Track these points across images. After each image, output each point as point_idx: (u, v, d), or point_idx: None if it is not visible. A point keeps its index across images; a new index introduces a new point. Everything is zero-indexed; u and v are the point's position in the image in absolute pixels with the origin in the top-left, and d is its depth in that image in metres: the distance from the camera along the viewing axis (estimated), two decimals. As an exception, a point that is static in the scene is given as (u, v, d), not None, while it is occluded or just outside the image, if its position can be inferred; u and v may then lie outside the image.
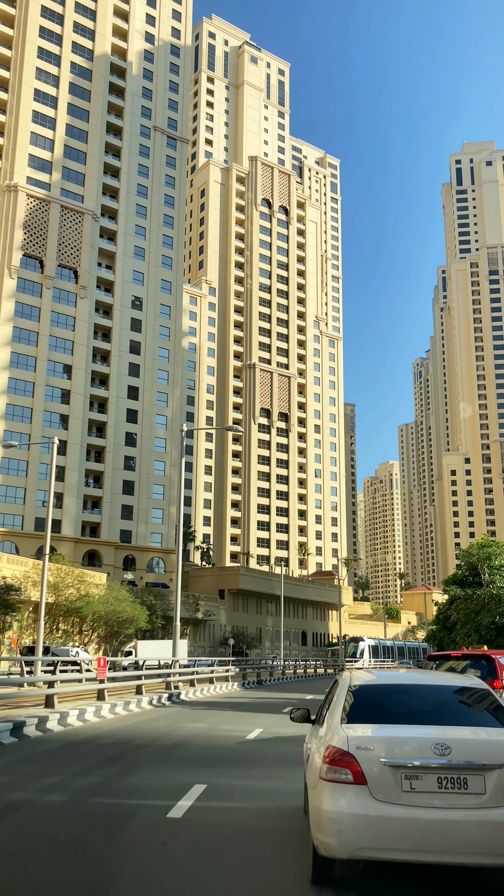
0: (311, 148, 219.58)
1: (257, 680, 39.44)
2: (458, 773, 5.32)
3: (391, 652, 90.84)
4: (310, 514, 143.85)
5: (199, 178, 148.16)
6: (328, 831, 5.31)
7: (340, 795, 5.33)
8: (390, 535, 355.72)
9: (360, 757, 5.41)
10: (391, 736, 5.57)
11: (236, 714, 19.61)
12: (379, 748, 5.43)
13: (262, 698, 26.77)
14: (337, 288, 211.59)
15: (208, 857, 6.25)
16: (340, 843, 5.25)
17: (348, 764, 5.40)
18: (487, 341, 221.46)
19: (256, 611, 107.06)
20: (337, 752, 5.48)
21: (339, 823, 5.26)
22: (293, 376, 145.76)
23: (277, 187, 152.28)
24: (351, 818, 5.24)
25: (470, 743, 5.48)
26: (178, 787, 8.94)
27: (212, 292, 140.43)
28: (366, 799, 5.29)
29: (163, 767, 10.67)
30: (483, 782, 5.29)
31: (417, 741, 5.45)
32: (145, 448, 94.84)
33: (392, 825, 5.18)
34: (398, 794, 5.29)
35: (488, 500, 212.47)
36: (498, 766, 5.31)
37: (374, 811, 5.23)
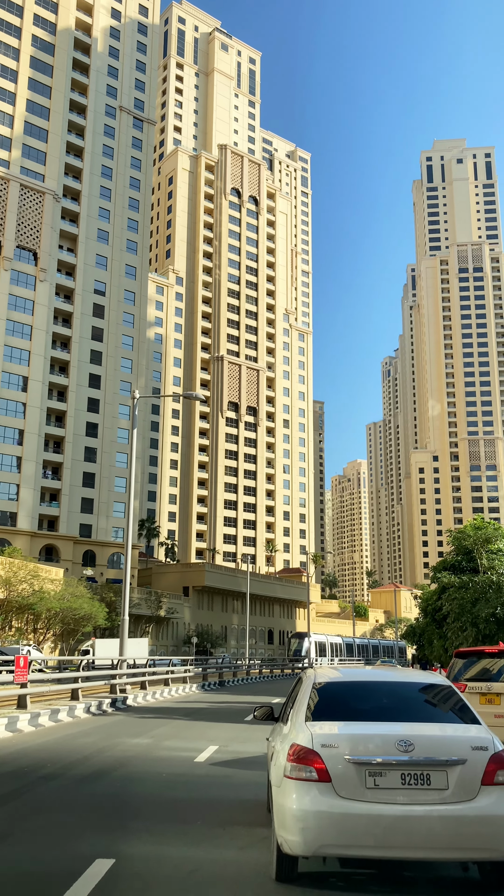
0: (281, 141, 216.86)
1: (219, 681, 36.29)
2: (421, 769, 5.35)
3: (347, 650, 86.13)
4: (278, 510, 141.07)
5: (167, 166, 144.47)
6: (292, 829, 5.29)
7: (305, 793, 5.33)
8: (358, 534, 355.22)
9: (325, 754, 5.41)
10: (355, 733, 5.55)
11: (189, 724, 16.49)
12: (343, 745, 5.43)
13: (222, 703, 23.71)
14: (307, 283, 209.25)
15: None
16: (304, 841, 5.23)
17: (313, 762, 5.40)
18: (456, 339, 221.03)
19: (222, 608, 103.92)
20: (301, 750, 5.48)
21: (303, 821, 5.25)
22: (262, 370, 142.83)
23: (247, 177, 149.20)
24: (315, 816, 5.23)
25: (433, 739, 5.49)
26: (58, 873, 5.64)
27: (179, 282, 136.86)
28: (330, 796, 5.29)
29: (53, 825, 7.22)
30: (446, 778, 5.34)
31: (381, 738, 5.45)
32: (107, 439, 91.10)
33: (355, 822, 5.18)
34: (362, 790, 5.31)
35: (456, 499, 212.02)
36: (460, 762, 5.36)
37: (337, 808, 5.23)
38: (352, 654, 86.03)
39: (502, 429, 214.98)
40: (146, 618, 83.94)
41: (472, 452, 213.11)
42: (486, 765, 5.41)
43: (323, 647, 78.07)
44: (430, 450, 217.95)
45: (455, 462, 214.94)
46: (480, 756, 5.43)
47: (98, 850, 6.11)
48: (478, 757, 5.43)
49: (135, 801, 8.24)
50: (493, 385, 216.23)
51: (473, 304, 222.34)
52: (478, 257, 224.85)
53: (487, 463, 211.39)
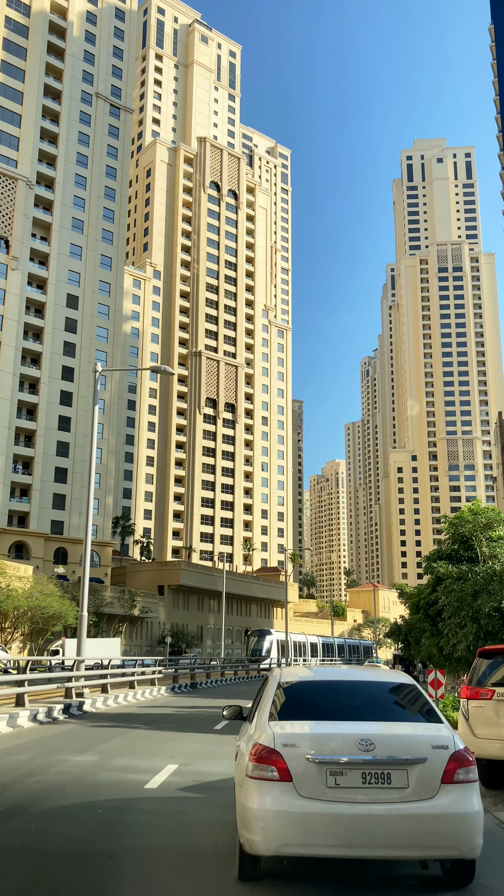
0: (261, 137, 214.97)
1: (191, 683, 34.08)
2: (381, 768, 5.35)
3: (312, 649, 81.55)
4: (256, 508, 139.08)
5: (145, 158, 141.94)
6: (253, 829, 5.27)
7: (266, 793, 5.31)
8: (336, 534, 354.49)
9: (286, 754, 5.38)
10: (317, 732, 5.57)
11: (148, 735, 14.38)
12: (305, 745, 5.42)
13: (191, 708, 21.64)
14: (286, 280, 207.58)
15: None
16: (265, 841, 5.21)
17: (274, 761, 5.37)
18: (436, 339, 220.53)
19: (198, 608, 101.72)
20: (263, 750, 5.46)
21: (263, 821, 5.23)
22: (240, 366, 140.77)
23: (227, 170, 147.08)
24: (276, 815, 5.21)
25: (394, 738, 5.51)
26: None
27: (156, 276, 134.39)
28: (291, 795, 5.27)
29: None
30: (406, 777, 5.34)
31: (343, 737, 5.45)
32: (80, 433, 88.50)
33: (316, 821, 5.18)
34: (323, 790, 5.30)
35: (434, 498, 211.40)
36: (420, 761, 5.37)
37: (298, 808, 5.22)
38: (316, 653, 79.73)
39: (481, 429, 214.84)
40: (119, 617, 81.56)
41: (450, 452, 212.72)
42: (446, 763, 5.43)
43: (285, 645, 70.50)
44: (408, 449, 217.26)
45: (433, 462, 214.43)
46: (441, 755, 5.45)
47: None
48: (438, 755, 5.44)
49: (41, 863, 6.02)
50: (471, 385, 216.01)
51: (453, 304, 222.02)
52: (457, 257, 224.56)
53: (466, 462, 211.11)
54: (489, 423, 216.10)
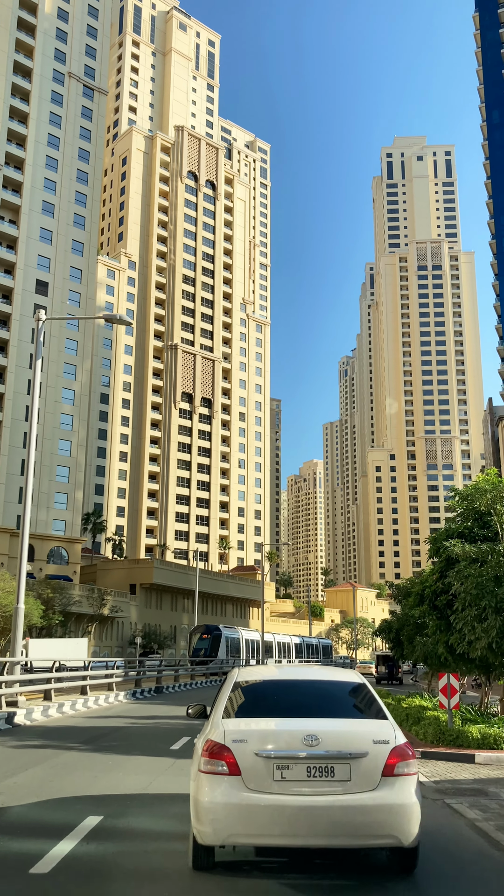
0: (240, 130, 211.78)
1: (156, 687, 30.78)
2: (325, 762, 5.64)
3: (266, 649, 71.80)
4: (232, 506, 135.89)
5: (121, 146, 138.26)
6: (203, 820, 5.54)
7: (216, 786, 5.57)
8: (313, 535, 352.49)
9: (236, 749, 5.65)
10: (265, 729, 5.84)
11: (82, 760, 11.15)
12: (253, 741, 5.69)
13: (148, 719, 18.48)
14: (265, 276, 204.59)
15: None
16: (214, 832, 5.49)
17: (224, 756, 5.63)
18: (415, 337, 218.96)
19: (171, 607, 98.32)
20: (214, 746, 5.72)
21: (213, 813, 5.49)
22: (217, 360, 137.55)
23: (204, 160, 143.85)
24: (224, 807, 5.47)
25: (338, 734, 5.78)
26: None
27: (132, 266, 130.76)
28: (239, 788, 5.54)
29: None
30: (349, 770, 5.63)
31: (289, 733, 5.73)
32: (49, 424, 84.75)
33: (262, 812, 5.45)
34: (270, 783, 5.56)
35: (412, 498, 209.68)
36: (362, 755, 5.66)
37: (245, 800, 5.49)
38: (270, 653, 70.89)
39: (459, 428, 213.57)
40: (88, 617, 77.98)
41: (428, 451, 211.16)
42: (387, 757, 5.70)
43: (236, 644, 60.80)
44: (386, 448, 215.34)
45: (412, 461, 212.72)
46: (382, 749, 5.72)
47: None
48: (379, 750, 5.72)
49: None
50: (450, 384, 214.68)
51: (432, 303, 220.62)
52: (437, 255, 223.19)
53: (444, 462, 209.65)
54: (467, 422, 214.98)
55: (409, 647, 23.47)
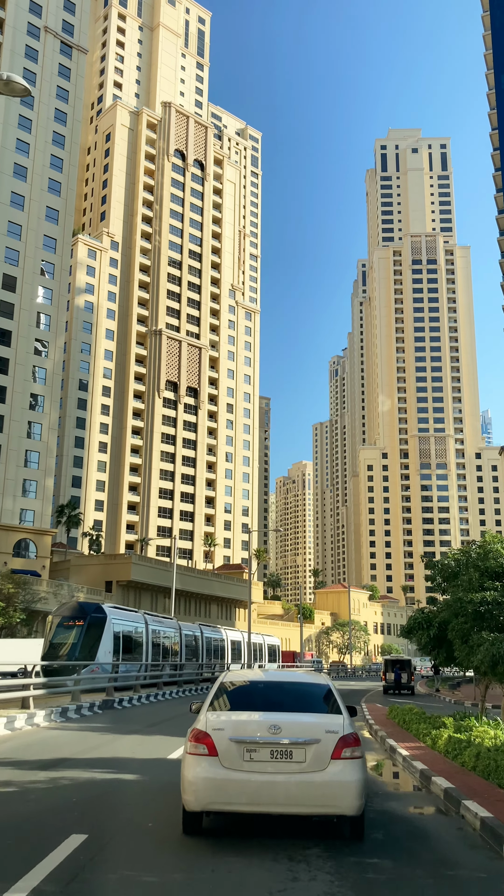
0: (231, 117, 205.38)
1: (103, 701, 23.02)
2: (285, 747, 6.99)
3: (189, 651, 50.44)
4: (218, 502, 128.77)
5: (105, 122, 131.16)
6: (188, 791, 7.00)
7: (198, 764, 7.00)
8: (301, 537, 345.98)
9: (215, 735, 7.06)
10: (238, 720, 7.30)
11: None
12: (228, 728, 7.11)
13: (48, 768, 11.10)
14: (255, 268, 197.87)
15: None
16: (196, 800, 6.95)
17: (204, 740, 7.06)
18: (408, 332, 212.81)
19: (151, 606, 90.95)
20: (198, 732, 7.16)
21: (195, 785, 6.94)
22: (204, 348, 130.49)
23: (193, 139, 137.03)
24: (204, 781, 6.92)
25: (297, 725, 7.15)
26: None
27: (114, 247, 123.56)
28: (216, 767, 6.95)
29: None
30: (304, 753, 6.98)
31: (257, 724, 7.17)
32: (17, 406, 77.42)
33: (233, 785, 6.86)
34: (240, 762, 6.95)
35: (405, 498, 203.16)
36: (315, 742, 7.00)
37: (220, 775, 6.91)
38: (208, 653, 52.26)
39: (454, 426, 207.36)
40: (57, 616, 70.49)
41: (422, 450, 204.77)
42: (335, 744, 7.04)
43: (128, 640, 37.87)
44: (379, 447, 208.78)
45: (405, 460, 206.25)
46: (332, 738, 7.06)
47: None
48: (330, 738, 7.06)
49: None
50: (444, 381, 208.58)
51: (426, 298, 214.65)
52: (432, 249, 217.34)
53: (438, 461, 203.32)
54: (462, 420, 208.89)
55: (462, 647, 16.50)
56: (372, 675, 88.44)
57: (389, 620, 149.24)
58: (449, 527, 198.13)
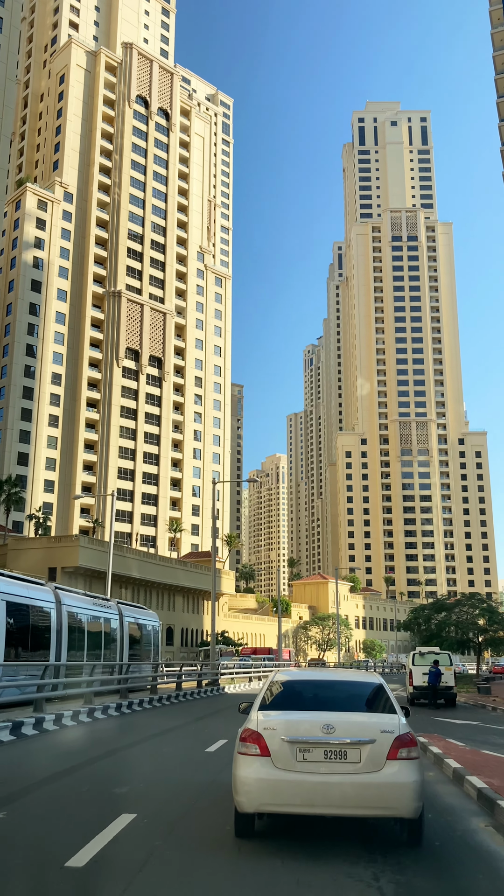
0: (200, 81, 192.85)
1: (12, 725, 12.39)
2: (339, 747, 6.77)
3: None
4: (186, 483, 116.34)
5: (59, 62, 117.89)
6: (240, 792, 6.81)
7: (250, 765, 6.83)
8: (275, 531, 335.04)
9: (266, 735, 6.88)
10: (291, 719, 7.04)
11: None
12: (281, 728, 6.90)
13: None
14: (227, 241, 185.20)
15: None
16: (248, 801, 6.76)
17: (256, 741, 6.89)
18: (388, 312, 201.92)
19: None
20: (249, 732, 6.99)
21: (247, 786, 6.76)
22: (170, 313, 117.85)
23: (157, 85, 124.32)
24: (256, 782, 6.73)
25: (351, 724, 6.93)
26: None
27: (68, 199, 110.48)
28: (268, 767, 6.76)
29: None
30: (359, 754, 6.75)
31: (310, 723, 6.90)
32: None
33: (287, 786, 6.66)
34: (293, 763, 6.75)
35: (385, 486, 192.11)
36: (370, 742, 6.75)
37: (273, 776, 6.71)
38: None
39: (436, 410, 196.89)
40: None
41: (403, 435, 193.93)
42: (391, 744, 6.77)
43: (20, 623, 26.47)
44: (357, 432, 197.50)
45: (385, 446, 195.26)
46: (387, 737, 6.80)
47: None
48: (385, 738, 6.79)
49: None
50: (426, 363, 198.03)
51: (407, 276, 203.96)
52: (412, 225, 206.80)
53: (419, 447, 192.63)
54: (444, 404, 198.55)
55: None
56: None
57: (372, 614, 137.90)
58: (431, 516, 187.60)
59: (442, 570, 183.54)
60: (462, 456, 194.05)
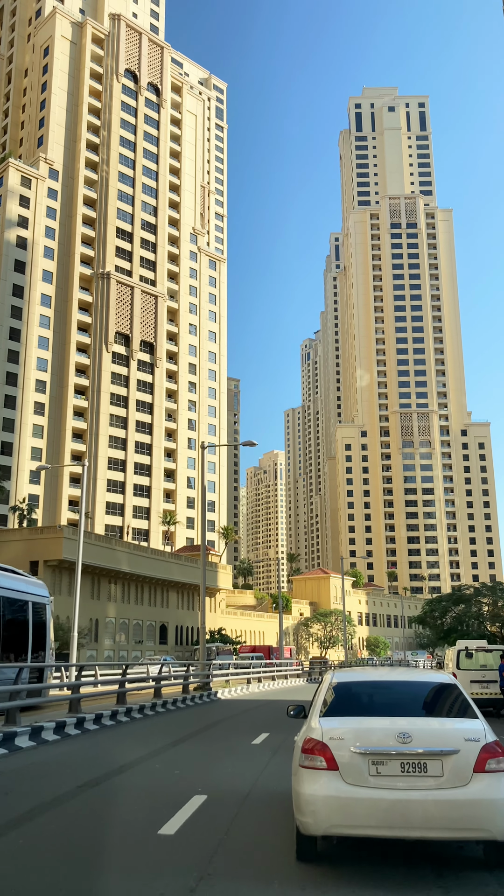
0: (193, 65, 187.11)
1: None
2: (418, 758, 5.79)
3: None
4: (180, 475, 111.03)
5: (43, 33, 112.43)
6: (305, 812, 5.85)
7: (315, 780, 5.86)
8: (273, 528, 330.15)
9: (333, 746, 5.91)
10: (360, 727, 6.03)
11: None
12: (349, 738, 5.92)
13: None
14: (221, 227, 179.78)
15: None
16: (315, 822, 5.78)
17: (322, 752, 5.91)
18: (388, 301, 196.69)
19: (91, 594, 73.04)
20: (313, 743, 6.01)
21: (313, 804, 5.79)
22: (161, 297, 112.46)
23: (147, 59, 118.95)
24: (324, 800, 5.77)
25: (430, 732, 5.97)
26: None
27: (53, 176, 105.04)
28: (337, 782, 5.80)
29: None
30: (441, 766, 5.78)
31: (383, 731, 5.91)
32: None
33: (360, 805, 5.68)
34: (366, 777, 5.78)
35: (386, 479, 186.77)
36: (454, 752, 5.80)
37: (344, 793, 5.74)
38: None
39: (437, 401, 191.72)
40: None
41: (404, 427, 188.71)
42: (477, 754, 5.82)
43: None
44: (357, 424, 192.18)
45: (385, 438, 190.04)
46: (472, 747, 5.85)
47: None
48: (470, 747, 5.84)
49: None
50: (427, 353, 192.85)
51: (406, 264, 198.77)
52: (411, 212, 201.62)
53: (421, 439, 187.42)
54: (447, 395, 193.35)
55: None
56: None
57: (376, 610, 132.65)
58: (434, 509, 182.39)
59: (445, 565, 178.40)
60: (465, 448, 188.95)
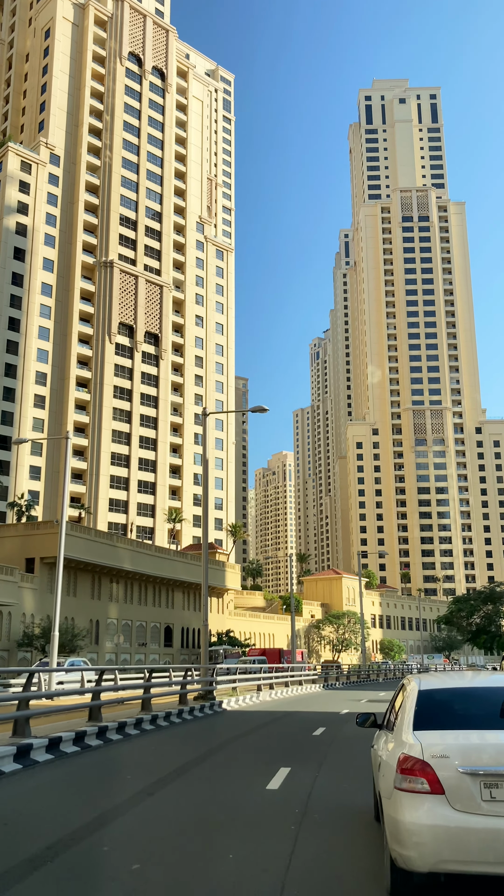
0: (200, 56, 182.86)
1: None
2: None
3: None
4: (186, 471, 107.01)
5: (44, 15, 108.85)
6: (407, 843, 4.95)
7: (418, 806, 4.97)
8: (283, 530, 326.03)
9: (436, 765, 5.06)
10: (467, 742, 5.22)
11: None
12: (455, 755, 5.08)
13: None
14: (229, 221, 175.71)
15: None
16: (420, 856, 4.88)
17: (423, 773, 5.05)
18: (399, 296, 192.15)
19: (92, 594, 69.01)
20: (411, 761, 5.13)
21: (417, 835, 4.90)
22: (167, 286, 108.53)
23: (151, 42, 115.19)
24: (430, 829, 4.89)
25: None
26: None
27: (54, 161, 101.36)
28: (444, 809, 4.93)
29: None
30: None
31: (495, 747, 5.10)
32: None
33: (473, 836, 4.82)
34: (478, 803, 4.93)
35: (399, 478, 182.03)
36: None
37: (453, 822, 4.86)
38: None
39: (451, 398, 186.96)
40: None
41: (416, 424, 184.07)
42: None
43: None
44: (368, 421, 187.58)
45: (398, 436, 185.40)
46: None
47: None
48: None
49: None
50: (440, 348, 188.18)
51: (419, 258, 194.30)
52: (423, 205, 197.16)
53: (434, 437, 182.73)
54: (460, 391, 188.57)
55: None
56: (391, 681, 65.15)
57: (389, 612, 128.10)
58: (448, 509, 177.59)
59: (460, 566, 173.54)
60: (479, 445, 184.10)
